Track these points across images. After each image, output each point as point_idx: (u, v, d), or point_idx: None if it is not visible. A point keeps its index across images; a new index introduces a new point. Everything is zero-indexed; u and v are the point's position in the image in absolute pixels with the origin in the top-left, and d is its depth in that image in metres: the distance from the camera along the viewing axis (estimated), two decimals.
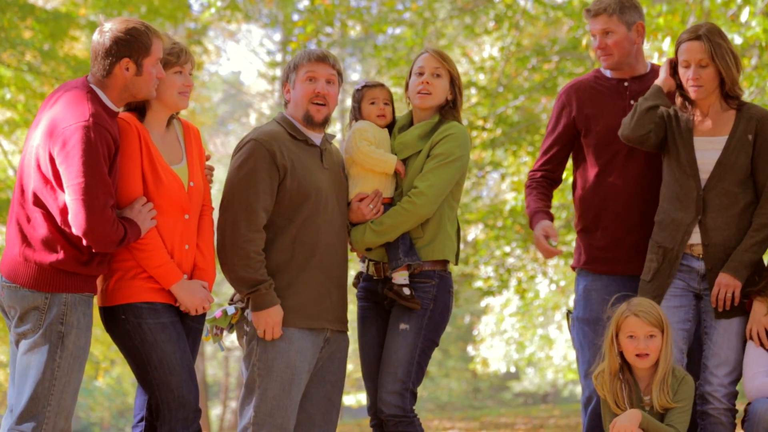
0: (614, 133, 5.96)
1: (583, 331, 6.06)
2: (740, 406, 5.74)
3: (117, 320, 5.30)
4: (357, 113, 5.89)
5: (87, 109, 5.01)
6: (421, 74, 5.81)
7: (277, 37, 27.84)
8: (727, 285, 5.65)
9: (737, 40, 11.05)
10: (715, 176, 5.71)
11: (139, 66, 5.13)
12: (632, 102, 6.02)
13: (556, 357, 26.10)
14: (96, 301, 5.34)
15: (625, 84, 6.07)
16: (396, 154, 5.81)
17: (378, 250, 5.79)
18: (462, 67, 18.24)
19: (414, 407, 5.73)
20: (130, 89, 5.16)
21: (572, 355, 24.32)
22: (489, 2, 16.10)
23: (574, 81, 6.28)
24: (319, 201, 5.59)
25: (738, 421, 5.74)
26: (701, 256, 5.74)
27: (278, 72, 26.15)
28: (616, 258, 6.02)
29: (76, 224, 4.95)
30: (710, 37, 5.67)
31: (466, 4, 16.39)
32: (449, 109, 5.84)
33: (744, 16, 11.11)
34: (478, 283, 17.90)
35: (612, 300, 5.65)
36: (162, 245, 5.28)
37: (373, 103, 5.86)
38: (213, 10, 17.22)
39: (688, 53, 5.68)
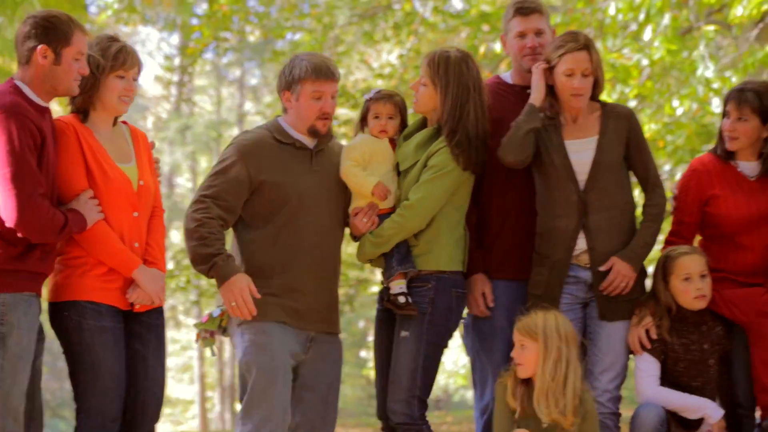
0: None
1: (478, 337, 6.09)
2: (629, 411, 5.89)
3: (61, 316, 5.29)
4: (363, 125, 5.91)
5: (8, 100, 5.00)
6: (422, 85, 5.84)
7: (175, 40, 27.65)
8: (625, 276, 5.73)
9: (644, 61, 11.27)
10: (593, 176, 5.77)
11: (58, 54, 5.11)
12: None
13: (448, 362, 26.31)
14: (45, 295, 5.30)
15: (528, 91, 6.07)
16: (399, 164, 5.83)
17: (380, 259, 5.81)
18: (361, 73, 18.34)
19: (425, 413, 5.75)
20: (49, 79, 5.13)
21: (463, 359, 24.54)
22: (388, 9, 16.24)
23: None
24: (301, 203, 5.61)
25: (626, 425, 5.87)
26: (588, 265, 5.80)
27: (175, 77, 25.90)
28: (512, 266, 6.03)
29: (7, 215, 4.93)
30: (592, 46, 5.77)
31: (366, 10, 16.51)
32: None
33: (646, 34, 11.33)
34: (374, 288, 18.00)
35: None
36: (114, 234, 5.28)
37: (377, 117, 5.86)
38: (110, 12, 17.03)
39: (575, 62, 5.73)
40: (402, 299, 5.69)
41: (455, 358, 25.92)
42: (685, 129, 12.20)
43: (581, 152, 5.82)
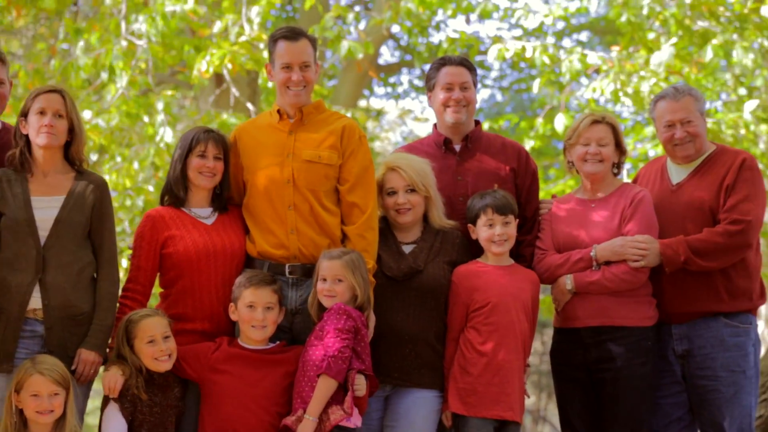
0: None
1: None
2: None
3: None
4: None
5: None
6: None
7: None
8: (93, 362, 5.78)
9: (102, 123, 11.42)
10: (54, 234, 5.77)
11: None
12: None
13: None
14: None
15: None
16: None
17: None
18: None
19: None
20: None
21: None
22: None
23: None
24: None
25: None
26: (42, 318, 5.75)
27: None
28: None
29: None
30: (66, 91, 5.87)
31: None
32: None
33: (109, 94, 11.49)
34: None
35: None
36: None
37: None
38: None
39: (46, 101, 5.78)
40: None
41: None
42: (143, 193, 12.48)
43: (46, 209, 5.80)
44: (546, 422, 23.68)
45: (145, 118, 11.82)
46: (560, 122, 11.20)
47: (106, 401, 5.80)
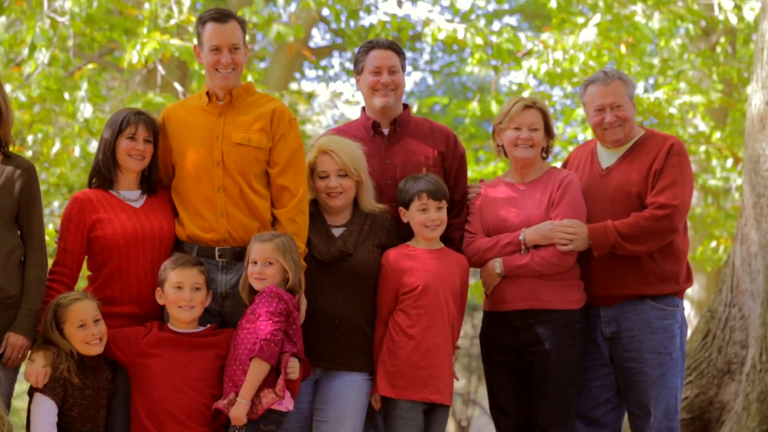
0: None
1: None
2: None
3: None
4: None
5: None
6: None
7: None
8: (21, 347, 5.73)
9: (22, 97, 11.27)
10: None
11: None
12: None
13: None
14: None
15: None
16: None
17: None
18: None
19: None
20: None
21: None
22: None
23: None
24: None
25: None
26: None
27: None
28: None
29: None
30: None
31: None
32: None
33: (26, 69, 11.33)
34: None
35: None
36: None
37: None
38: None
39: None
40: None
41: None
42: (61, 166, 12.39)
43: None
44: (476, 405, 23.88)
45: (66, 96, 11.65)
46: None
47: (33, 388, 5.74)
